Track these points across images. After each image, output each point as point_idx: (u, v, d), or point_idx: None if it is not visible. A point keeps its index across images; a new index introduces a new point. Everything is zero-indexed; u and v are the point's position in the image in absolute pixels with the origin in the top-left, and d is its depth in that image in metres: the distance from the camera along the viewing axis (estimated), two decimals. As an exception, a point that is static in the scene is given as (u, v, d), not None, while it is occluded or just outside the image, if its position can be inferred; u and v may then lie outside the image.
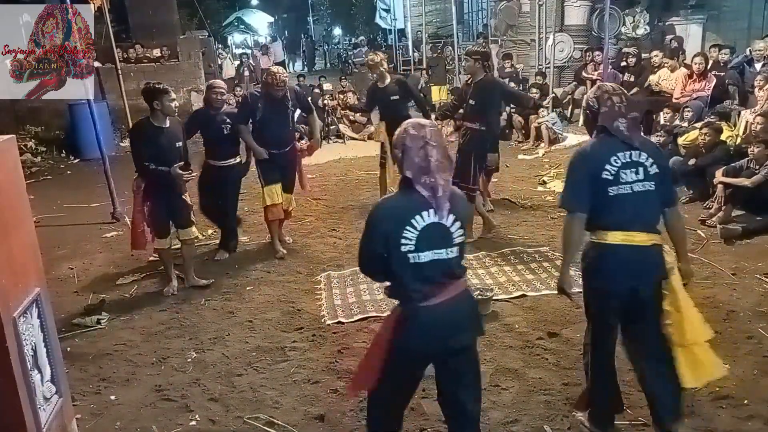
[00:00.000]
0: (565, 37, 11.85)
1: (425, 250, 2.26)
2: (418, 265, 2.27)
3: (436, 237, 2.27)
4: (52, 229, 6.47)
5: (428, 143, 2.25)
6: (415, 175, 2.25)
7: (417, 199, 2.26)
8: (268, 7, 32.17)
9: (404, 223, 2.24)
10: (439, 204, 2.25)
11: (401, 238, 2.24)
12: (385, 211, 2.33)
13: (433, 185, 2.24)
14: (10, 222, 2.50)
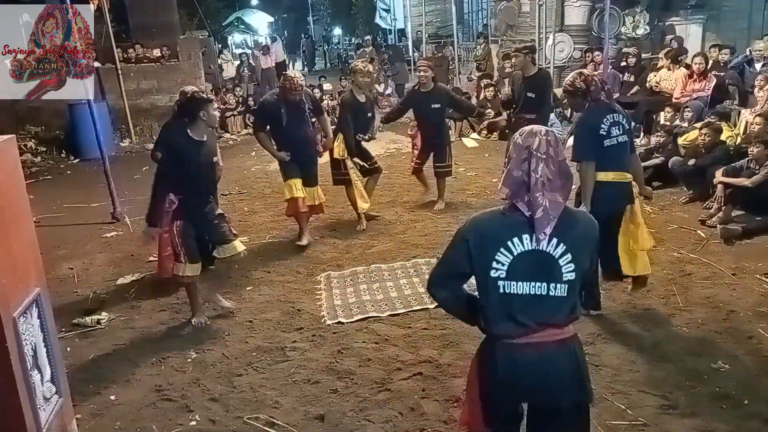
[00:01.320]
0: (565, 37, 11.85)
1: (519, 281, 1.94)
2: (507, 295, 1.94)
3: (535, 267, 1.93)
4: (52, 229, 6.46)
5: (534, 155, 1.92)
6: (515, 192, 1.94)
7: (518, 219, 1.94)
8: (268, 7, 32.16)
9: (500, 243, 1.94)
10: (538, 226, 1.90)
11: (492, 260, 1.94)
12: (480, 225, 2.00)
13: (533, 204, 1.90)
14: (10, 222, 2.50)
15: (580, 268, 1.94)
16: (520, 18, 13.04)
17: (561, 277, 1.93)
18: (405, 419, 3.11)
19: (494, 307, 1.98)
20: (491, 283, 1.95)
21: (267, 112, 5.47)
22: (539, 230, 1.91)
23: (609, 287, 4.46)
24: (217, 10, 25.56)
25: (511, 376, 1.98)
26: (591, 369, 3.39)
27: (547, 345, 1.96)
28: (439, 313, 4.23)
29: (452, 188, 7.41)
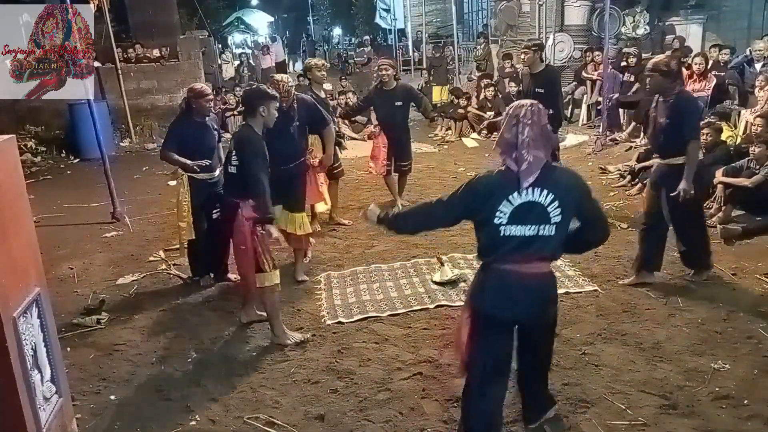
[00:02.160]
0: (565, 37, 11.85)
1: (517, 224, 2.46)
2: (506, 237, 2.48)
3: (529, 214, 2.46)
4: (52, 229, 6.46)
5: (521, 121, 2.44)
6: (505, 151, 2.48)
7: (513, 177, 2.45)
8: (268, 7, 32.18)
9: (503, 197, 2.45)
10: (522, 177, 2.42)
11: (496, 210, 2.46)
12: (487, 182, 2.54)
13: (519, 159, 2.43)
14: (10, 222, 2.50)
15: (567, 212, 2.48)
16: (520, 18, 13.04)
17: (549, 220, 2.47)
18: (405, 419, 3.11)
19: (494, 245, 2.53)
20: (494, 228, 2.49)
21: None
22: (523, 180, 2.43)
23: (609, 287, 4.46)
24: (217, 10, 25.58)
25: (502, 294, 2.57)
26: (591, 369, 3.41)
27: (530, 275, 2.54)
28: (439, 313, 4.23)
29: (452, 188, 7.38)
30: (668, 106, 4.11)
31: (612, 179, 7.38)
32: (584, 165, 8.19)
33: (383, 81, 6.31)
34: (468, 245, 5.47)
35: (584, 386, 3.29)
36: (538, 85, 5.60)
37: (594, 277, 4.64)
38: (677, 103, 4.05)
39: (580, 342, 3.73)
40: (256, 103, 3.75)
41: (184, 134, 4.68)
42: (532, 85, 5.66)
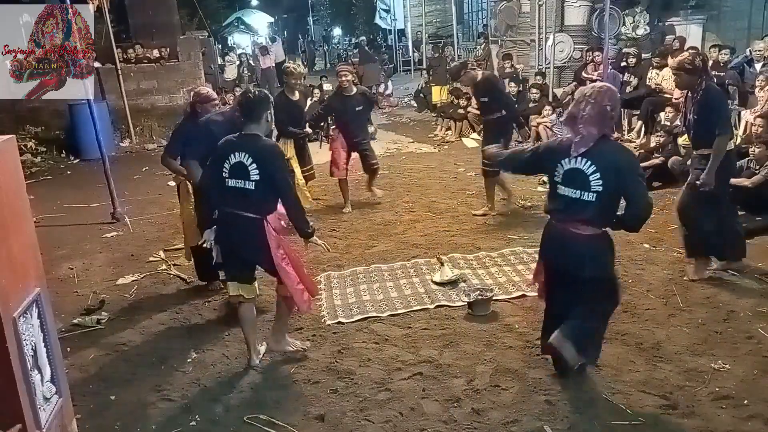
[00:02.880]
0: (565, 37, 11.84)
1: (566, 186, 2.99)
2: (560, 194, 3.03)
3: (575, 178, 2.95)
4: (52, 229, 6.47)
5: (585, 99, 2.91)
6: (567, 123, 2.98)
7: (569, 144, 2.96)
8: (268, 7, 32.15)
9: (559, 159, 3.00)
10: (574, 148, 2.93)
11: (555, 169, 3.04)
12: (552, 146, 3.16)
13: (577, 131, 2.91)
14: (10, 222, 2.50)
15: (607, 184, 2.88)
16: (520, 18, 13.03)
17: (590, 188, 2.92)
18: (405, 419, 3.11)
19: (551, 200, 3.14)
20: (553, 185, 3.09)
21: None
22: (574, 151, 2.94)
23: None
24: (217, 10, 25.57)
25: (550, 243, 3.20)
26: (591, 369, 3.40)
27: (572, 233, 3.03)
28: (439, 313, 4.23)
29: (452, 188, 7.42)
30: (696, 101, 4.21)
31: (612, 179, 7.37)
32: (584, 165, 8.17)
33: (343, 86, 6.38)
34: (468, 245, 5.48)
35: (584, 386, 3.29)
36: (481, 95, 6.03)
37: (594, 277, 4.63)
38: (705, 98, 4.18)
39: (580, 342, 3.72)
40: (263, 108, 3.51)
41: (188, 139, 4.60)
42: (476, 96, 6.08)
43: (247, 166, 3.37)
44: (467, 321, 4.09)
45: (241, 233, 3.45)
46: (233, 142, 3.45)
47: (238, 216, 3.42)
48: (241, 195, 3.41)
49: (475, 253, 5.27)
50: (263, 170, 3.38)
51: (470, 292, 4.27)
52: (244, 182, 3.39)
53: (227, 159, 3.41)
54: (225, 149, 3.45)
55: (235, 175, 3.40)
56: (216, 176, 3.46)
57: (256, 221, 3.41)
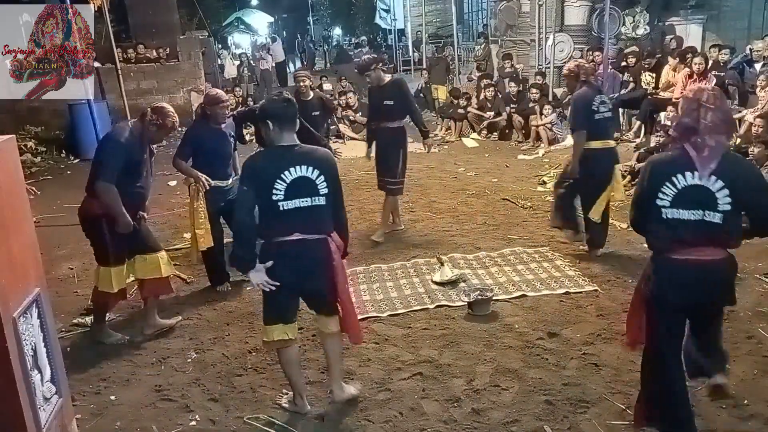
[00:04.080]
0: (565, 37, 11.85)
1: (681, 209, 2.47)
2: (669, 220, 2.49)
3: (695, 198, 2.44)
4: (52, 229, 6.46)
5: (702, 105, 2.42)
6: (682, 135, 2.46)
7: (682, 159, 2.45)
8: (268, 7, 32.15)
9: (665, 178, 2.47)
10: (703, 164, 2.41)
11: (658, 191, 2.49)
12: (654, 163, 2.59)
13: (700, 145, 2.41)
14: (10, 222, 2.50)
15: (737, 201, 2.43)
16: (520, 18, 13.04)
17: (716, 207, 2.43)
18: (405, 419, 3.11)
19: (659, 229, 2.55)
20: (656, 210, 2.51)
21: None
22: (704, 167, 2.41)
23: (609, 287, 4.46)
24: (217, 10, 25.57)
25: (674, 283, 2.56)
26: (591, 369, 3.41)
27: (701, 262, 2.51)
28: (439, 313, 4.23)
29: (452, 188, 7.42)
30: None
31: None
32: (584, 165, 8.18)
33: (300, 91, 6.25)
34: (468, 245, 5.47)
35: (584, 386, 3.29)
36: (387, 98, 5.67)
37: (594, 277, 4.64)
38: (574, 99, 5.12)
39: (580, 342, 3.73)
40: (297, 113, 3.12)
41: (199, 141, 4.62)
42: (380, 99, 5.72)
43: (314, 180, 2.89)
44: (467, 321, 4.09)
45: (307, 260, 2.95)
46: (284, 157, 2.89)
47: (302, 242, 2.90)
48: (306, 215, 2.89)
49: (475, 253, 5.27)
50: (331, 183, 2.95)
51: (470, 292, 4.27)
52: (311, 199, 2.89)
53: (279, 178, 2.84)
54: (273, 168, 2.87)
55: (296, 193, 2.86)
56: (265, 203, 2.87)
57: (322, 243, 2.96)
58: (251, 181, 2.90)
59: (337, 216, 3.04)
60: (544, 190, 7.16)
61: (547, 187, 7.27)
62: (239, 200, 2.94)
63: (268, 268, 2.90)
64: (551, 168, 8.14)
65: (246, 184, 2.91)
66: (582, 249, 5.20)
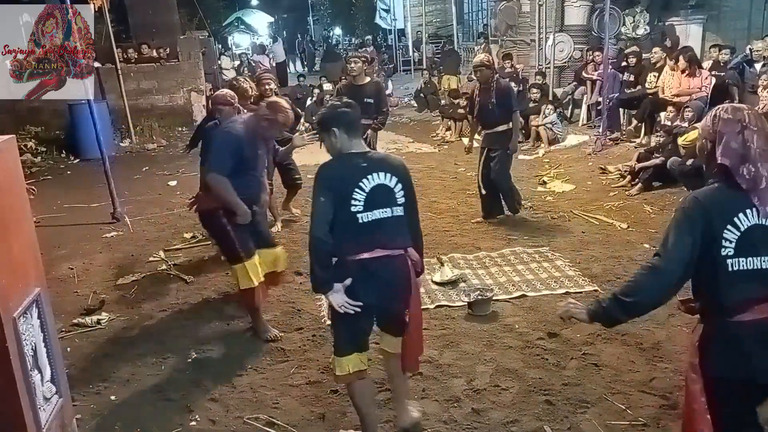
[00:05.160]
0: (565, 37, 11.84)
1: (748, 256, 1.93)
2: (736, 273, 1.94)
3: (763, 241, 1.94)
4: (52, 229, 6.46)
5: (747, 127, 1.96)
6: (735, 164, 1.94)
7: (740, 194, 1.95)
8: (268, 7, 32.14)
9: (725, 220, 1.94)
10: (763, 199, 1.93)
11: (720, 238, 1.93)
12: (705, 203, 1.98)
13: (754, 176, 1.93)
14: (10, 222, 2.50)
15: None
16: (520, 18, 13.04)
17: None
18: (405, 419, 3.10)
19: (724, 287, 1.95)
20: (720, 262, 1.94)
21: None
22: (765, 203, 1.92)
23: (609, 287, 4.46)
24: (217, 10, 25.56)
25: (746, 356, 1.95)
26: (591, 369, 3.41)
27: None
28: (439, 313, 4.23)
29: (452, 188, 7.42)
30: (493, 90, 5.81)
31: (612, 179, 7.37)
32: (584, 165, 8.19)
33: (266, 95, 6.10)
34: (468, 245, 5.48)
35: (584, 386, 3.29)
36: (367, 96, 6.20)
37: (594, 277, 4.64)
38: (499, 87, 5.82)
39: (580, 342, 3.73)
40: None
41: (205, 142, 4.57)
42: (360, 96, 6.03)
43: (392, 188, 2.64)
44: (467, 321, 4.09)
45: (391, 278, 2.67)
46: (360, 164, 2.63)
47: (385, 258, 2.63)
48: (387, 227, 2.63)
49: (475, 253, 5.27)
50: (408, 191, 2.71)
51: (470, 292, 4.27)
52: (391, 210, 2.63)
53: (358, 187, 2.58)
54: (350, 176, 2.61)
55: (376, 204, 2.60)
56: (343, 215, 2.58)
57: (401, 257, 2.69)
58: (326, 192, 2.59)
59: (414, 227, 2.79)
60: (544, 190, 7.16)
61: (546, 186, 7.27)
62: (314, 213, 2.62)
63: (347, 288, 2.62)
64: (551, 168, 8.14)
65: (321, 195, 2.60)
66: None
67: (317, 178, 2.66)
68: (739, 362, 1.96)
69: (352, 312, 2.62)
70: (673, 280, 2.01)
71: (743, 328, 1.95)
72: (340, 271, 2.64)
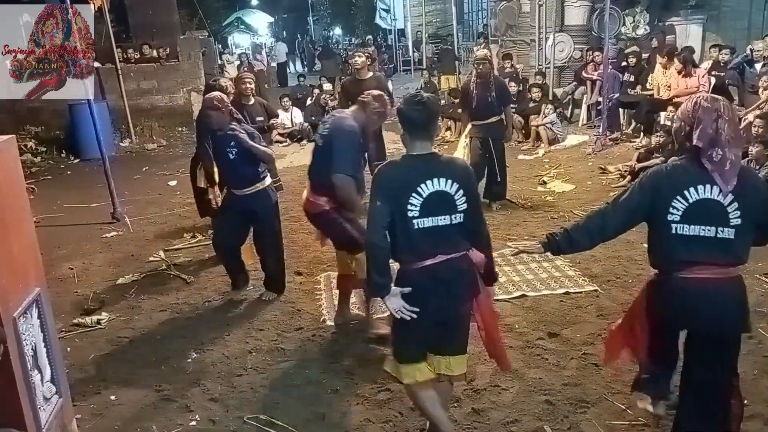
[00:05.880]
0: (565, 37, 11.85)
1: (691, 224, 2.30)
2: (681, 236, 2.32)
3: (707, 214, 2.28)
4: (52, 229, 6.46)
5: (721, 117, 2.26)
6: (705, 147, 2.26)
7: (697, 172, 2.29)
8: (268, 7, 32.16)
9: (677, 191, 2.30)
10: (726, 178, 2.25)
11: (669, 205, 2.31)
12: (664, 174, 2.37)
13: (722, 159, 2.25)
14: (10, 222, 2.50)
15: (748, 215, 2.27)
16: (520, 18, 13.05)
17: (728, 222, 2.28)
18: (405, 419, 3.11)
19: (667, 246, 2.37)
20: (666, 227, 2.33)
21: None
22: (727, 182, 2.25)
23: (609, 287, 4.47)
24: (217, 10, 25.56)
25: (680, 305, 2.40)
26: (591, 369, 3.41)
27: (711, 281, 2.33)
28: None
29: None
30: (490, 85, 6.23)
31: (612, 179, 7.37)
32: (584, 165, 8.18)
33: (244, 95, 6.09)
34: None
35: (584, 386, 3.29)
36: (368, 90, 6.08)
37: (594, 277, 4.64)
38: (498, 83, 6.36)
39: (580, 342, 3.73)
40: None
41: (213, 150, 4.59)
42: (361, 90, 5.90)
43: (452, 195, 2.52)
44: (467, 321, 4.08)
45: (450, 279, 2.58)
46: (419, 168, 2.53)
47: (445, 261, 2.56)
48: (444, 234, 2.54)
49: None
50: (470, 197, 2.57)
51: None
52: (450, 217, 2.52)
53: (414, 193, 2.48)
54: (407, 180, 2.51)
55: (433, 210, 2.50)
56: (399, 220, 2.51)
57: (463, 258, 2.61)
58: (384, 195, 2.52)
59: (478, 232, 2.65)
60: (544, 190, 7.16)
61: (546, 186, 7.27)
62: (370, 217, 2.55)
63: (408, 295, 2.56)
64: (551, 168, 8.14)
65: (378, 199, 2.52)
66: None
67: (374, 180, 2.57)
68: (675, 310, 2.43)
69: (408, 318, 2.55)
70: (612, 226, 2.50)
71: (683, 283, 2.36)
72: (403, 279, 2.60)
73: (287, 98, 11.65)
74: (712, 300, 2.36)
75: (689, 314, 2.40)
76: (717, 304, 2.37)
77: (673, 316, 2.47)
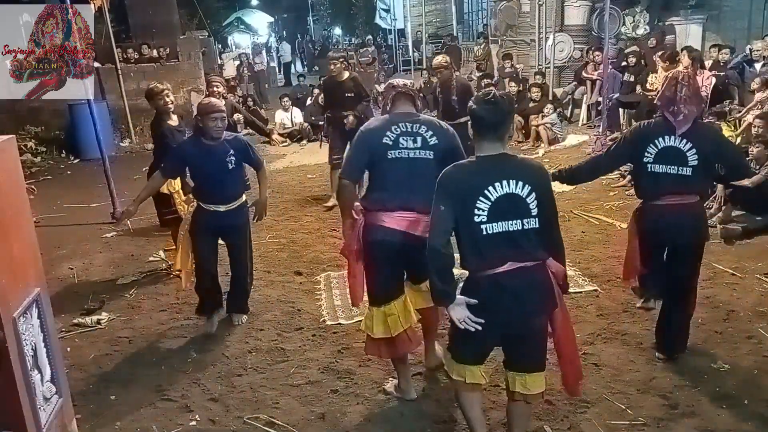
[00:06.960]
0: (565, 37, 11.85)
1: (661, 164, 3.19)
2: (653, 174, 3.22)
3: (671, 157, 3.15)
4: (52, 229, 6.46)
5: (679, 83, 3.16)
6: (665, 105, 3.17)
7: (664, 125, 3.19)
8: (268, 7, 32.14)
9: (650, 141, 3.20)
10: (678, 127, 3.14)
11: (645, 152, 3.20)
12: (640, 129, 3.36)
13: (676, 112, 3.13)
14: (10, 222, 2.50)
15: (702, 158, 3.14)
16: (520, 18, 13.04)
17: (687, 162, 3.15)
18: (405, 419, 3.11)
19: (646, 181, 3.28)
20: (644, 167, 3.24)
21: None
22: (678, 129, 3.15)
23: (609, 287, 4.46)
24: (217, 10, 25.55)
25: (656, 224, 3.30)
26: (591, 369, 3.41)
27: (677, 206, 3.22)
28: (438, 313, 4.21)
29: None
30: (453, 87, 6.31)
31: (612, 179, 7.36)
32: (584, 165, 8.18)
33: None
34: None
35: (584, 386, 3.28)
36: (347, 90, 6.61)
37: (594, 277, 4.64)
38: (460, 84, 6.41)
39: (580, 342, 3.71)
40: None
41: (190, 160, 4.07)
42: (341, 91, 6.59)
43: (524, 198, 2.40)
44: (467, 321, 4.08)
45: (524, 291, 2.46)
46: (488, 170, 2.42)
47: (518, 270, 2.44)
48: (516, 240, 2.43)
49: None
50: (545, 200, 2.45)
51: None
52: (522, 221, 2.41)
53: (482, 196, 2.38)
54: (474, 182, 2.41)
55: (503, 214, 2.39)
56: (465, 225, 2.43)
57: (539, 267, 2.51)
58: (447, 199, 2.40)
59: (551, 239, 2.53)
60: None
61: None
62: (433, 222, 2.44)
63: (476, 305, 2.45)
64: (551, 168, 8.12)
65: (442, 203, 2.40)
66: None
67: (439, 182, 2.45)
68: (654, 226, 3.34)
69: (472, 329, 2.42)
70: (603, 168, 3.70)
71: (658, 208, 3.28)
72: (470, 288, 2.50)
73: (287, 98, 11.65)
74: (679, 219, 3.21)
75: (663, 229, 3.27)
76: (682, 221, 3.22)
77: (653, 230, 3.32)
